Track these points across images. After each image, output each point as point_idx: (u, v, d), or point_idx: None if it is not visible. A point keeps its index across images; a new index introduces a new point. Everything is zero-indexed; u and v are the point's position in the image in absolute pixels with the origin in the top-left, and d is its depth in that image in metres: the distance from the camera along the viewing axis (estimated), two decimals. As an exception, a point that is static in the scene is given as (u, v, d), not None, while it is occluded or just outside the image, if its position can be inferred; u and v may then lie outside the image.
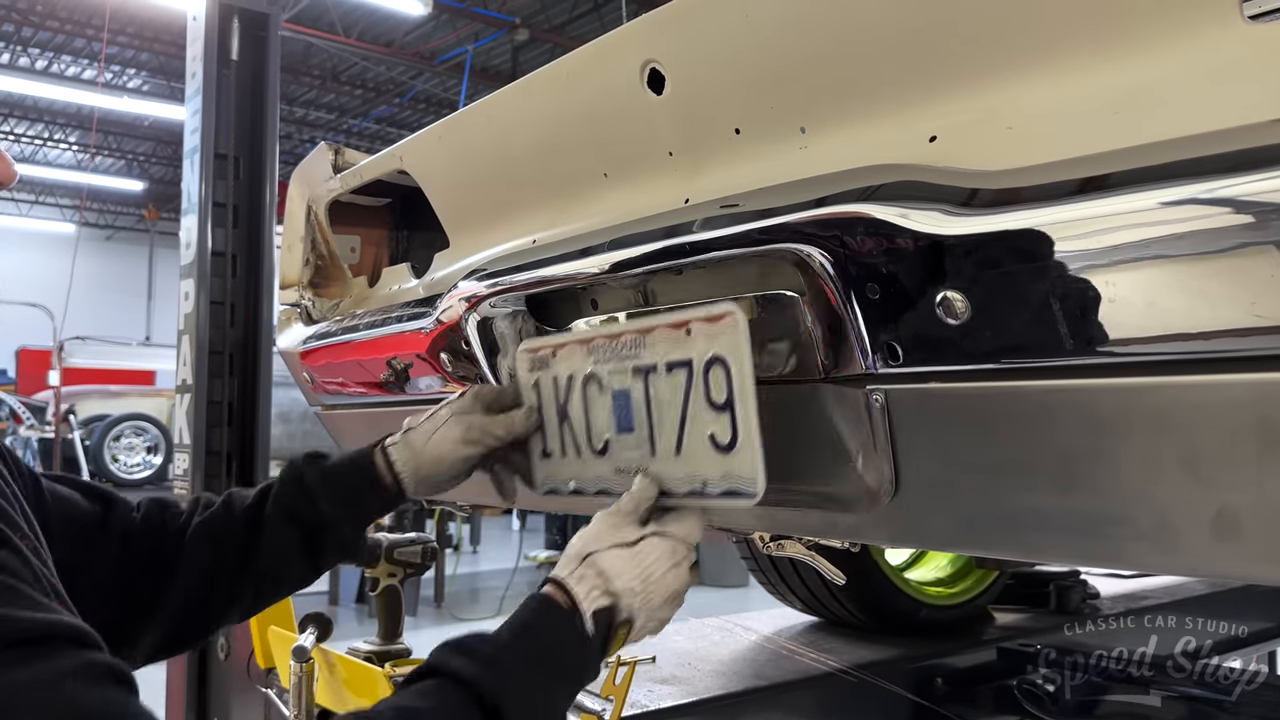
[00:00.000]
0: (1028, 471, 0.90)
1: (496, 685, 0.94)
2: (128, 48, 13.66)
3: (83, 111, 15.69)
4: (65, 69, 14.69)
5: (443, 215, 1.71)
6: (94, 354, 12.87)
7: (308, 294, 2.13)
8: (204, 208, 2.92)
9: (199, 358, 2.89)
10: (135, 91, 15.11)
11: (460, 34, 12.85)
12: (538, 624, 1.03)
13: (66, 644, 0.78)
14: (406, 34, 13.16)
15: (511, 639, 1.00)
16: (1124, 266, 0.78)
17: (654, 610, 1.07)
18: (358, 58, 14.03)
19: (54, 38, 13.60)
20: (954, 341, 0.88)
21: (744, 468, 1.04)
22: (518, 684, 0.96)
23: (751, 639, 2.78)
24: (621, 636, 1.06)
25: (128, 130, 17.10)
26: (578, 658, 1.02)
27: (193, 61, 2.91)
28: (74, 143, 17.72)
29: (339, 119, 16.67)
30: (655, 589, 1.06)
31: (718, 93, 1.18)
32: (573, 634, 1.01)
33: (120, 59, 14.27)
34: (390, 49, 13.20)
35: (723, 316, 1.06)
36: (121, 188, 19.60)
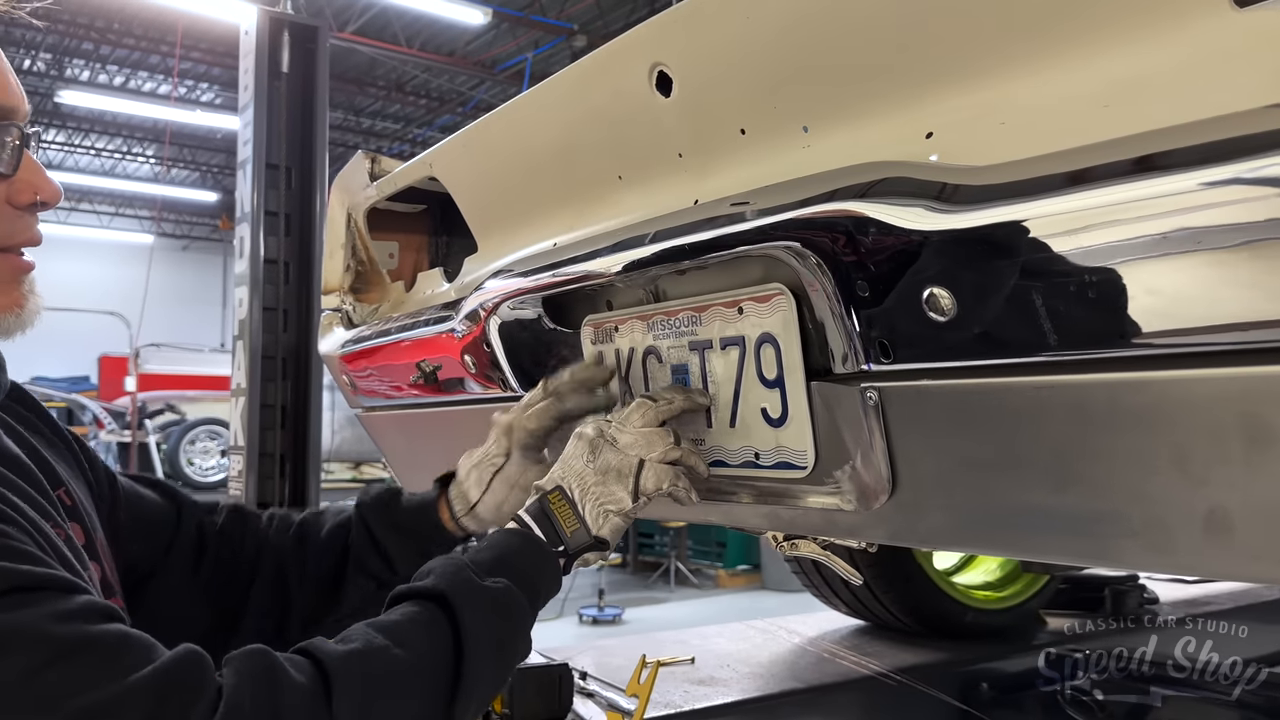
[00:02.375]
0: (1019, 469, 0.89)
1: (447, 583, 1.00)
2: (200, 63, 14.06)
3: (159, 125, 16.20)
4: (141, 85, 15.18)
5: (470, 220, 1.74)
6: (168, 360, 13.27)
7: (348, 299, 2.18)
8: (256, 217, 3.00)
9: (252, 362, 2.98)
10: (207, 105, 15.55)
11: (520, 42, 12.99)
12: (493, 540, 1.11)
13: (62, 591, 0.82)
14: (467, 43, 13.34)
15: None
16: (1105, 260, 0.77)
17: (588, 485, 1.12)
18: (420, 68, 14.26)
19: (130, 55, 14.07)
20: (942, 338, 0.88)
21: (794, 441, 1.09)
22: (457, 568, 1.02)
23: (794, 642, 2.77)
24: (555, 498, 1.12)
25: (201, 143, 17.60)
26: (524, 545, 1.09)
27: (245, 74, 3.00)
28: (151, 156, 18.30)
29: (405, 129, 16.97)
30: (587, 468, 1.13)
31: (722, 94, 1.19)
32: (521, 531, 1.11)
33: (193, 74, 14.70)
34: (452, 58, 13.40)
35: (772, 296, 1.11)
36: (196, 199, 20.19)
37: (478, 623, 0.96)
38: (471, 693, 0.94)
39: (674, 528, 11.59)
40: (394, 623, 0.96)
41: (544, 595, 1.09)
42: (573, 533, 1.11)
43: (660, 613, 10.18)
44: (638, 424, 1.16)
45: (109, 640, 0.81)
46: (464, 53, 13.40)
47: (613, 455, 1.13)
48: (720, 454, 1.21)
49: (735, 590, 11.21)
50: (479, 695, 0.96)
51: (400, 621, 0.96)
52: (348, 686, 0.87)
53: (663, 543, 12.04)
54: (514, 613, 1.02)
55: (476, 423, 1.51)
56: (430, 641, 0.95)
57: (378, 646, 0.91)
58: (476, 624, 0.96)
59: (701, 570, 11.98)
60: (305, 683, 0.86)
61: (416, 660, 0.92)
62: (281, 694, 0.84)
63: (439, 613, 0.97)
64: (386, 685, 0.89)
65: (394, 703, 0.89)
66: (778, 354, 1.11)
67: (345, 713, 0.86)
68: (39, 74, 14.53)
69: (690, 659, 2.49)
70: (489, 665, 0.97)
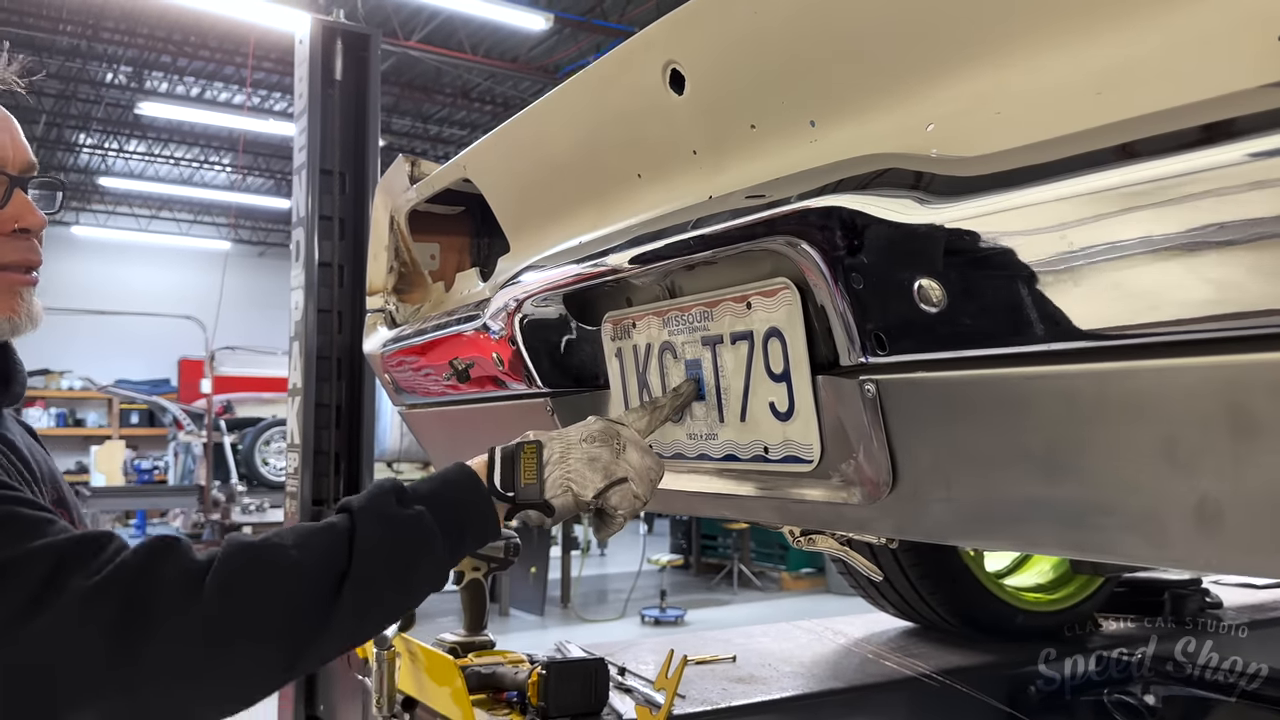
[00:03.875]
0: (1013, 460, 0.88)
1: (363, 502, 1.07)
2: (271, 73, 14.39)
3: (233, 135, 16.64)
4: (217, 95, 15.62)
5: (502, 220, 1.77)
6: (242, 362, 13.62)
7: (392, 300, 2.23)
8: (311, 221, 3.08)
9: (308, 363, 3.06)
10: (280, 114, 15.93)
11: (582, 46, 13.07)
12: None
13: (16, 499, 1.02)
14: (530, 49, 13.46)
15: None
16: (1089, 249, 0.76)
17: (569, 457, 1.15)
18: (485, 75, 14.42)
19: (206, 66, 14.47)
20: (934, 329, 0.88)
21: (801, 435, 1.09)
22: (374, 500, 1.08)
23: (839, 643, 2.75)
24: (530, 450, 1.15)
25: (274, 151, 18.03)
26: (464, 481, 1.14)
27: (299, 82, 3.09)
28: (226, 164, 18.81)
29: (471, 135, 17.17)
30: (580, 445, 1.16)
31: (732, 90, 1.20)
32: (470, 470, 1.15)
33: (265, 84, 15.06)
34: (515, 64, 13.53)
35: (777, 291, 1.12)
36: (270, 206, 20.69)
37: (372, 540, 1.03)
38: (354, 601, 1.00)
39: (737, 530, 11.55)
40: (309, 529, 1.06)
41: (470, 531, 1.12)
42: (526, 485, 1.14)
43: (723, 614, 10.15)
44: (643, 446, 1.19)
45: (31, 519, 0.98)
46: (527, 59, 13.52)
47: (608, 455, 1.15)
48: (732, 448, 1.22)
49: (799, 593, 11.13)
50: (363, 606, 1.02)
51: (315, 528, 1.06)
52: (226, 570, 0.98)
53: (726, 545, 12.00)
54: (418, 538, 1.06)
55: (509, 419, 1.54)
56: (324, 548, 1.03)
57: (275, 544, 1.03)
58: (370, 542, 1.03)
59: (765, 573, 11.91)
60: (191, 562, 0.99)
61: (302, 560, 1.01)
62: (164, 567, 0.97)
63: (346, 525, 1.05)
64: (264, 575, 0.99)
65: (265, 591, 0.99)
66: (784, 348, 1.12)
67: (213, 591, 0.96)
68: (120, 87, 15.04)
69: (732, 657, 2.49)
70: (376, 580, 1.03)
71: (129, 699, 0.94)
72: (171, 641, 0.95)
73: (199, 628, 0.96)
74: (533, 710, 1.96)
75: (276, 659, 1.00)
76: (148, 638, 0.94)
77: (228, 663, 0.97)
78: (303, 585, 1.00)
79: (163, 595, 0.97)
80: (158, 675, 0.95)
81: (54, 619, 0.92)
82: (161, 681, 0.95)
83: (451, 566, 1.11)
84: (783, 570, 11.72)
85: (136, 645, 0.94)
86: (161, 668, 0.95)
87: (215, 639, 0.96)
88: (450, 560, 1.10)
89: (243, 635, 0.97)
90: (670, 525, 13.36)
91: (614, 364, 1.42)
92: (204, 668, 0.96)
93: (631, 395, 1.40)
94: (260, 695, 1.02)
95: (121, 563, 0.97)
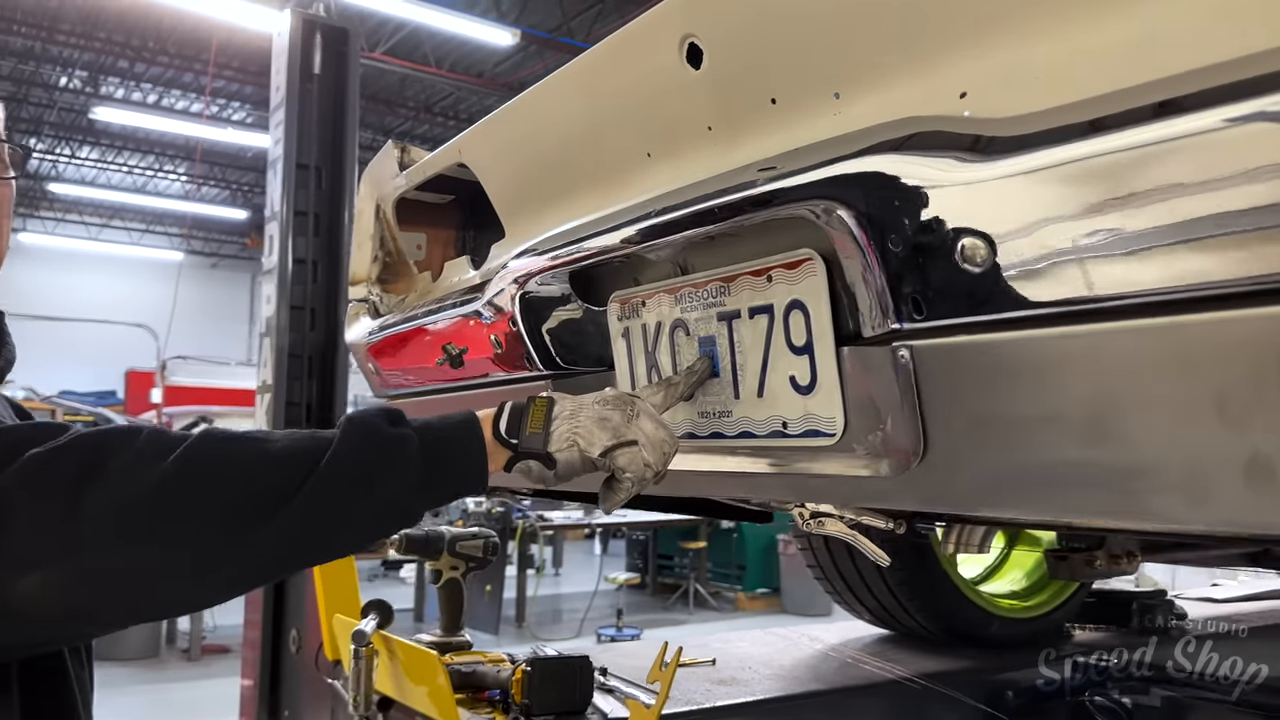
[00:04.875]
0: (1054, 424, 0.87)
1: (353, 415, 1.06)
2: (232, 81, 14.25)
3: (190, 143, 16.41)
4: (174, 103, 15.40)
5: (498, 205, 1.75)
6: (194, 373, 13.38)
7: (375, 290, 2.19)
8: (286, 216, 3.03)
9: (279, 360, 2.99)
10: (239, 124, 15.75)
11: (548, 63, 13.09)
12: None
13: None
14: (496, 65, 13.47)
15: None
16: (1138, 202, 0.75)
17: (579, 415, 1.13)
18: (450, 89, 14.40)
19: (164, 73, 14.28)
20: (977, 290, 0.87)
21: (823, 408, 1.08)
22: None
23: (816, 648, 2.74)
24: (540, 403, 1.13)
25: (231, 161, 17.81)
26: (463, 421, 1.11)
27: (277, 75, 3.04)
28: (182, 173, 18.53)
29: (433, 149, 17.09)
30: (593, 406, 1.15)
31: (753, 63, 1.19)
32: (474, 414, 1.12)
33: (225, 92, 14.90)
34: (480, 79, 13.52)
35: (801, 262, 1.11)
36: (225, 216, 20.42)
37: (348, 447, 1.01)
38: (311, 498, 0.98)
39: (694, 549, 11.53)
40: (297, 431, 1.05)
41: (454, 469, 1.08)
42: (530, 434, 1.11)
43: (679, 634, 10.11)
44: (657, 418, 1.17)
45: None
46: (492, 74, 13.53)
47: (619, 418, 1.13)
48: (747, 425, 1.20)
49: (755, 613, 11.13)
50: (319, 506, 0.98)
51: (302, 432, 1.05)
52: (197, 444, 0.97)
53: (682, 564, 11.98)
54: (395, 455, 1.03)
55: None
56: (300, 447, 1.01)
57: (254, 435, 1.03)
58: (346, 447, 1.01)
59: (721, 593, 11.90)
60: (160, 435, 0.98)
61: (273, 451, 0.99)
62: (128, 437, 0.96)
63: (332, 433, 1.03)
64: (231, 454, 0.98)
65: (227, 468, 0.97)
66: (806, 320, 1.10)
67: (176, 460, 0.95)
68: (75, 91, 14.77)
69: (711, 660, 2.47)
70: (338, 483, 0.99)
71: (74, 562, 0.91)
72: (122, 502, 0.93)
73: (151, 491, 0.93)
74: (516, 708, 1.92)
75: (222, 537, 0.96)
76: (98, 495, 0.92)
77: (173, 534, 0.95)
78: (266, 471, 0.98)
79: (121, 458, 0.94)
80: (103, 537, 0.92)
81: (4, 480, 0.91)
82: (106, 544, 0.92)
83: (426, 502, 1.07)
84: (739, 590, 11.73)
85: (86, 502, 0.91)
86: (108, 528, 0.92)
87: (164, 505, 0.94)
88: (425, 493, 1.06)
89: (193, 504, 0.95)
90: (626, 545, 13.31)
91: (620, 344, 1.40)
92: (148, 535, 0.94)
93: (639, 375, 1.38)
94: (204, 582, 0.99)
95: (83, 432, 0.97)
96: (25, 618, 0.92)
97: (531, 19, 11.88)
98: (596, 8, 11.99)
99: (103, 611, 0.98)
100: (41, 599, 0.91)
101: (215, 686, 7.14)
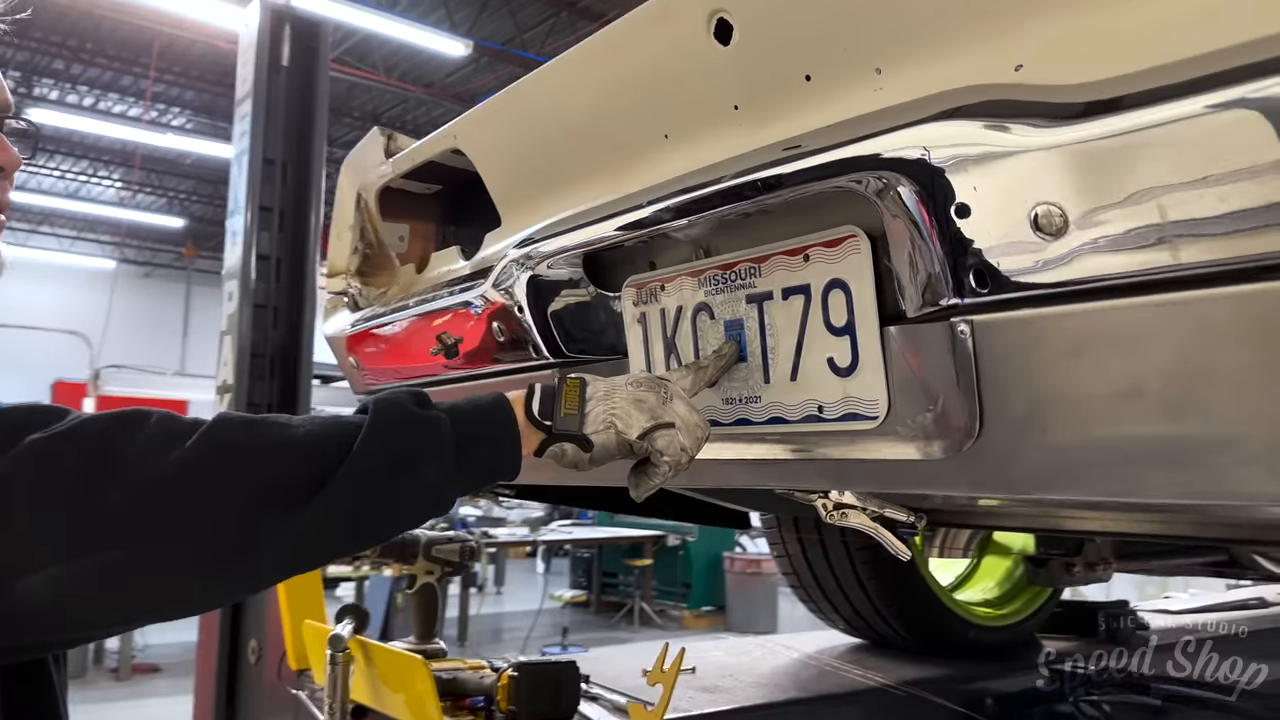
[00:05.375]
0: (1127, 398, 0.85)
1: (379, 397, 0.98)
2: (174, 85, 13.95)
3: (127, 148, 16.01)
4: (112, 106, 15.02)
5: (495, 192, 1.69)
6: (129, 382, 12.96)
7: (355, 282, 2.12)
8: (251, 211, 2.93)
9: (240, 360, 2.89)
10: (179, 129, 15.41)
11: (500, 75, 13.03)
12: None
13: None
14: (447, 75, 13.37)
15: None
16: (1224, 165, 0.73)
17: (614, 396, 1.08)
18: (399, 99, 14.25)
19: (102, 75, 13.92)
20: (1051, 259, 0.84)
21: (865, 390, 1.05)
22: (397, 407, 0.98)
23: (793, 656, 2.71)
24: (573, 383, 1.07)
25: (169, 168, 17.40)
26: (494, 403, 1.04)
27: (244, 67, 2.95)
28: (117, 179, 18.06)
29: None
30: (626, 386, 1.10)
31: (789, 38, 1.16)
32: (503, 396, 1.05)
33: (165, 97, 14.57)
34: (430, 89, 13.40)
35: (844, 240, 1.07)
36: (161, 224, 19.93)
37: (381, 432, 0.94)
38: (346, 487, 0.91)
39: (639, 567, 11.47)
40: (317, 416, 0.99)
41: (486, 453, 1.02)
42: (565, 415, 1.05)
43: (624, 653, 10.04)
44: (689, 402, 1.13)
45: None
46: (443, 85, 13.42)
47: (654, 400, 1.09)
48: (778, 410, 1.16)
49: (699, 631, 11.09)
50: (355, 495, 0.91)
51: (323, 416, 0.99)
52: (214, 435, 0.89)
53: (627, 582, 11.90)
54: (430, 440, 0.97)
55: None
56: (329, 432, 0.94)
57: (279, 420, 0.95)
58: (378, 433, 0.94)
59: (666, 611, 11.84)
60: (173, 420, 0.91)
61: (300, 437, 0.92)
62: (140, 420, 0.89)
63: (358, 419, 0.97)
64: (254, 447, 0.91)
65: (255, 453, 0.90)
66: (848, 299, 1.07)
67: (193, 450, 0.88)
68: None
69: (692, 668, 2.42)
70: (375, 471, 0.93)
71: (84, 559, 0.82)
72: (138, 492, 0.85)
73: (170, 478, 0.86)
74: (501, 715, 1.85)
75: (250, 527, 0.88)
76: (110, 485, 0.84)
77: (196, 525, 0.86)
78: (295, 455, 0.91)
79: (135, 442, 0.87)
80: (117, 531, 0.84)
81: (4, 468, 0.82)
82: (120, 538, 0.84)
83: (460, 489, 1.00)
84: (684, 609, 11.68)
85: (97, 493, 0.83)
86: (122, 521, 0.84)
87: (185, 494, 0.86)
88: (459, 478, 0.99)
89: (218, 493, 0.87)
90: (570, 563, 13.20)
91: (635, 330, 1.35)
92: (168, 527, 0.85)
93: (656, 361, 1.33)
94: (226, 577, 0.90)
95: (89, 416, 0.89)
96: (25, 620, 0.83)
97: (484, 30, 11.83)
98: (550, 21, 11.98)
99: (113, 613, 0.90)
100: (45, 600, 0.82)
101: (146, 708, 6.90)
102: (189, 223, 20.12)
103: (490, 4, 11.54)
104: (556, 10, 11.80)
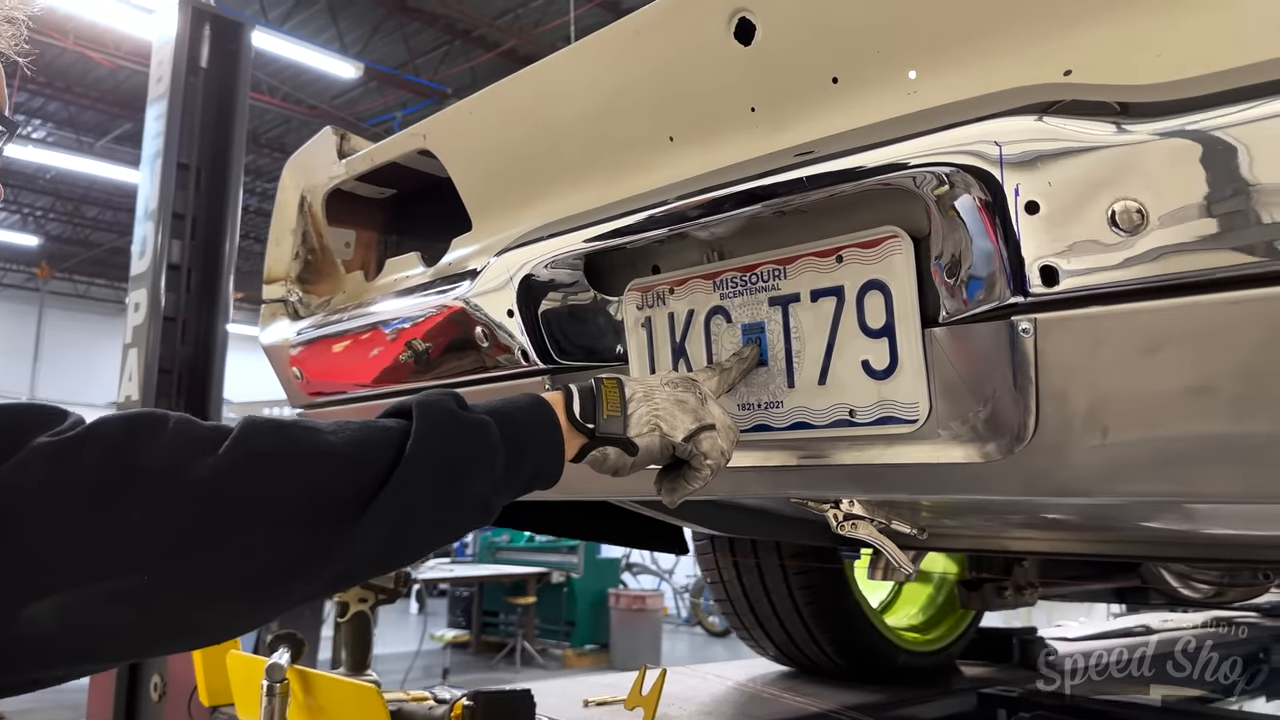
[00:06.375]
0: (1196, 397, 0.85)
1: (420, 399, 0.92)
2: (37, 95, 13.22)
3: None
4: (-35, 116, 14.11)
5: (468, 195, 1.63)
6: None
7: (295, 289, 2.01)
8: (161, 218, 2.76)
9: (147, 376, 2.70)
10: (39, 142, 14.60)
11: (388, 100, 12.83)
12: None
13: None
14: (334, 98, 13.07)
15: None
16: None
17: (655, 397, 1.04)
18: (281, 119, 13.85)
19: (-44, 83, 13.08)
20: (1129, 257, 0.84)
21: (903, 393, 1.02)
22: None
23: (727, 684, 2.68)
24: (610, 384, 1.03)
25: (26, 183, 16.46)
26: (534, 406, 0.99)
27: (159, 66, 2.78)
28: (-34, 193, 16.94)
29: (253, 181, 16.34)
30: (664, 387, 1.06)
31: (817, 39, 1.15)
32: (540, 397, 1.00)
33: (27, 108, 13.79)
34: (315, 112, 13.05)
35: (883, 240, 1.05)
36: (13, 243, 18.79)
37: (426, 440, 0.86)
38: (393, 503, 0.83)
39: (523, 605, 11.26)
40: (350, 421, 0.88)
41: (532, 459, 0.96)
42: (609, 418, 1.00)
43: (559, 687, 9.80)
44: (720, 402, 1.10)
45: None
46: (330, 107, 13.10)
47: (694, 400, 1.05)
48: (803, 415, 1.13)
49: (583, 670, 10.93)
50: (403, 512, 0.84)
51: (358, 422, 0.88)
52: (248, 442, 0.80)
53: (509, 621, 11.66)
54: (480, 448, 0.90)
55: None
56: (372, 438, 0.85)
57: (309, 425, 0.85)
58: (424, 441, 0.86)
59: (548, 649, 11.65)
60: (195, 425, 0.81)
61: (340, 445, 0.83)
62: (161, 424, 0.80)
63: (399, 421, 0.89)
64: (293, 456, 0.81)
65: (293, 471, 0.81)
66: (887, 301, 1.05)
67: (227, 456, 0.78)
68: None
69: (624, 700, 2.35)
70: (423, 486, 0.85)
71: (101, 584, 0.72)
72: (168, 505, 0.74)
73: (202, 490, 0.76)
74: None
75: (298, 548, 0.79)
76: (135, 499, 0.73)
77: (231, 544, 0.76)
78: (345, 466, 0.82)
79: (160, 450, 0.76)
80: (141, 550, 0.73)
81: (6, 478, 0.71)
82: (142, 560, 0.73)
83: (507, 496, 0.93)
84: (567, 647, 11.51)
85: (116, 507, 0.72)
86: (147, 540, 0.73)
87: (219, 510, 0.76)
88: (506, 487, 0.93)
89: (258, 508, 0.78)
90: (449, 602, 12.86)
91: (638, 334, 1.31)
92: (200, 545, 0.75)
93: (661, 367, 1.29)
94: (264, 599, 0.80)
95: (99, 419, 0.78)
96: (28, 650, 0.72)
97: (376, 54, 11.62)
98: (444, 49, 11.86)
99: (133, 643, 0.79)
100: (51, 629, 0.71)
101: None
102: (44, 241, 19.02)
103: (382, 28, 11.37)
104: (450, 38, 11.70)
